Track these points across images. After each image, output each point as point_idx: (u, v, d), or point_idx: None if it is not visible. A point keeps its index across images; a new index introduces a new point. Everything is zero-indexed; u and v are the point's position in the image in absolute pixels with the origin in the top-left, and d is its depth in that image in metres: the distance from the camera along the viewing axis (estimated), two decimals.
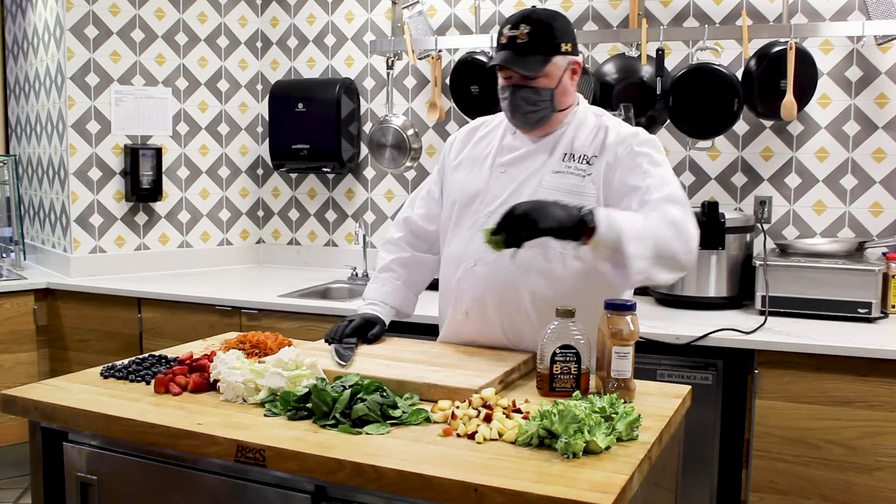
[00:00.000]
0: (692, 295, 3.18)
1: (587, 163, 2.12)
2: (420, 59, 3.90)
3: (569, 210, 1.87)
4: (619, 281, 2.00)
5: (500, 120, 2.30)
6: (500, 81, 2.15)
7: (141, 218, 4.19)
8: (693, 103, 3.26)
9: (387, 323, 2.35)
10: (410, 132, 3.97)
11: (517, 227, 1.84)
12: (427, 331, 2.52)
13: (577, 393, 1.76)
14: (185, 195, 4.31)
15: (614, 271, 1.95)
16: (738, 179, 3.52)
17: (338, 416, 1.68)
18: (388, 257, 2.44)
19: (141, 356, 2.18)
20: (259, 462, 1.57)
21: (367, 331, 2.26)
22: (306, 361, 1.91)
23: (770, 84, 3.22)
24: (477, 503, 1.39)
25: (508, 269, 2.13)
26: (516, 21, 2.09)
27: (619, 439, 1.58)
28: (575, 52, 2.14)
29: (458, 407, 1.72)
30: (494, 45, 2.84)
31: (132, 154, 4.05)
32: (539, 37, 2.07)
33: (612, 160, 2.10)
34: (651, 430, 1.66)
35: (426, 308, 2.53)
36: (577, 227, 1.86)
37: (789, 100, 3.15)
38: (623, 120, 3.20)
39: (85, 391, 1.91)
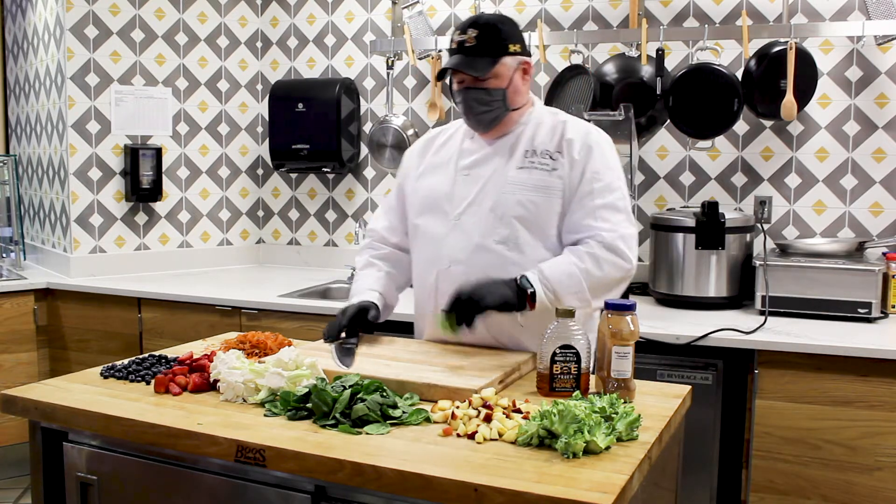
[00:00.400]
0: (692, 295, 3.18)
1: (551, 157, 2.18)
2: (420, 59, 3.90)
3: (508, 284, 2.06)
4: None
5: (457, 126, 2.36)
6: (454, 86, 2.21)
7: (141, 218, 4.19)
8: (693, 103, 3.26)
9: (380, 308, 2.34)
10: (410, 132, 3.97)
11: (465, 308, 2.03)
12: (413, 329, 2.50)
13: (577, 393, 1.76)
14: (185, 195, 4.31)
15: None
16: (738, 179, 3.52)
17: (338, 416, 1.68)
18: (366, 256, 2.47)
19: (141, 356, 2.18)
20: (259, 462, 1.57)
21: (364, 316, 2.26)
22: (306, 361, 1.91)
23: (770, 84, 3.22)
24: (477, 503, 1.39)
25: (483, 264, 2.17)
26: (465, 27, 2.18)
27: (619, 439, 1.58)
28: (525, 52, 2.22)
29: (458, 407, 1.72)
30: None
31: (132, 154, 4.05)
32: (486, 40, 2.15)
33: (570, 160, 2.16)
34: (651, 430, 1.66)
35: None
36: (520, 298, 2.06)
37: (789, 100, 3.15)
38: (623, 120, 3.22)
39: (85, 391, 1.91)
